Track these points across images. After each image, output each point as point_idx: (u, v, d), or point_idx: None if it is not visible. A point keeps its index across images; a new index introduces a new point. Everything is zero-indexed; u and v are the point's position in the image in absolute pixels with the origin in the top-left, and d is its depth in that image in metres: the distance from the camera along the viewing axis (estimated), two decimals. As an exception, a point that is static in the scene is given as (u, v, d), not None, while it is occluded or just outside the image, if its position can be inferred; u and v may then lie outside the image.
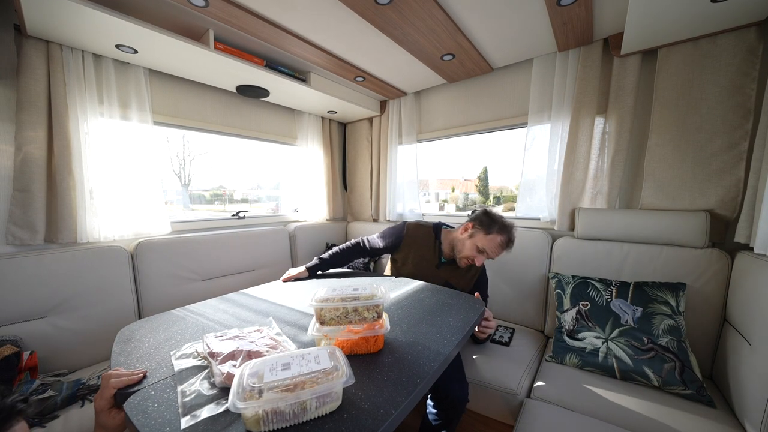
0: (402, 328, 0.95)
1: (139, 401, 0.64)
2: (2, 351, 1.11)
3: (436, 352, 0.81)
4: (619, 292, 1.37)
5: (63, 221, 1.41)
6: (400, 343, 0.86)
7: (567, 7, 1.32)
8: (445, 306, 1.12)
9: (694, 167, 1.40)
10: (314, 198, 2.64)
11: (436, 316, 1.03)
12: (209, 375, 0.71)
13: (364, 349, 0.80)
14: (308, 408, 0.57)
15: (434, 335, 0.90)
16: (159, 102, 1.78)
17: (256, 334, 0.83)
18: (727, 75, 1.32)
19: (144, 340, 0.89)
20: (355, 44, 1.66)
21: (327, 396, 0.58)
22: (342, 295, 0.81)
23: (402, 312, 1.08)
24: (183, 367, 0.74)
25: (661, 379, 1.16)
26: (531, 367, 1.40)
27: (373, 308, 0.80)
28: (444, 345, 0.84)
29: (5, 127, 1.32)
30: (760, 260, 1.10)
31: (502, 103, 2.03)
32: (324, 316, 0.80)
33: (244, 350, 0.73)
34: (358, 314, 0.79)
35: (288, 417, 0.56)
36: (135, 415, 0.60)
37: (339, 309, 0.79)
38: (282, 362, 0.61)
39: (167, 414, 0.60)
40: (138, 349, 0.85)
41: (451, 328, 0.95)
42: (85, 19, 1.21)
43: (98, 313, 1.45)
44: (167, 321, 1.02)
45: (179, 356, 0.79)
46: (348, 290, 0.84)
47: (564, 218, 1.73)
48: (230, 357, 0.71)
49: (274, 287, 1.38)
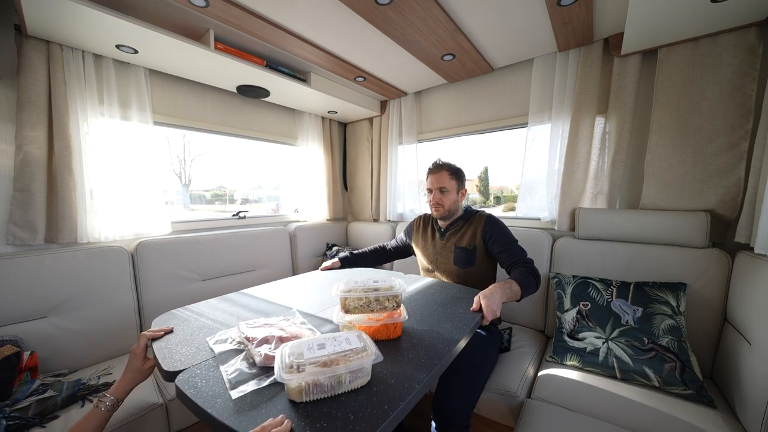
0: (417, 318, 1.02)
1: (188, 378, 0.71)
2: (2, 351, 1.11)
3: (449, 339, 0.88)
4: (620, 292, 1.37)
5: (63, 221, 1.41)
6: (416, 330, 0.93)
7: (567, 7, 1.32)
8: (456, 299, 1.17)
9: (695, 167, 1.40)
10: (314, 198, 2.64)
11: (447, 308, 1.09)
12: (247, 357, 0.78)
13: (385, 335, 0.88)
14: (343, 381, 0.64)
15: (447, 324, 0.97)
16: (159, 102, 1.78)
17: (284, 323, 0.91)
18: (727, 75, 1.32)
19: (178, 329, 0.96)
20: (355, 44, 1.66)
21: (359, 371, 0.66)
22: (364, 287, 0.89)
23: (415, 305, 1.14)
24: (222, 350, 0.82)
25: (662, 379, 1.16)
26: (531, 367, 1.39)
27: (393, 298, 0.88)
28: (457, 332, 0.91)
29: (5, 126, 1.32)
30: (761, 260, 1.10)
31: (502, 103, 2.03)
32: (349, 304, 0.88)
33: (275, 336, 0.81)
34: (379, 303, 0.87)
35: (326, 389, 0.63)
36: (187, 389, 0.66)
37: (362, 299, 0.87)
38: (317, 343, 0.68)
39: (216, 388, 0.67)
40: (175, 335, 0.92)
41: (462, 318, 1.01)
42: (86, 19, 1.21)
43: (98, 313, 1.45)
44: (195, 313, 1.09)
45: (215, 342, 0.87)
46: (369, 282, 0.91)
47: (564, 218, 1.73)
48: (264, 341, 0.79)
49: (274, 287, 1.38)
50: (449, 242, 1.50)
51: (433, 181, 1.47)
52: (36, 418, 1.02)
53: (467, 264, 1.43)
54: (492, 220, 1.45)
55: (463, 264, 1.44)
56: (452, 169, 1.47)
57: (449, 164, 1.48)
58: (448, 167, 1.47)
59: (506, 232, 1.41)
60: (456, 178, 1.46)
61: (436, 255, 1.54)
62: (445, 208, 1.46)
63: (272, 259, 2.20)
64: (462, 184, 1.50)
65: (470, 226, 1.47)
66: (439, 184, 1.45)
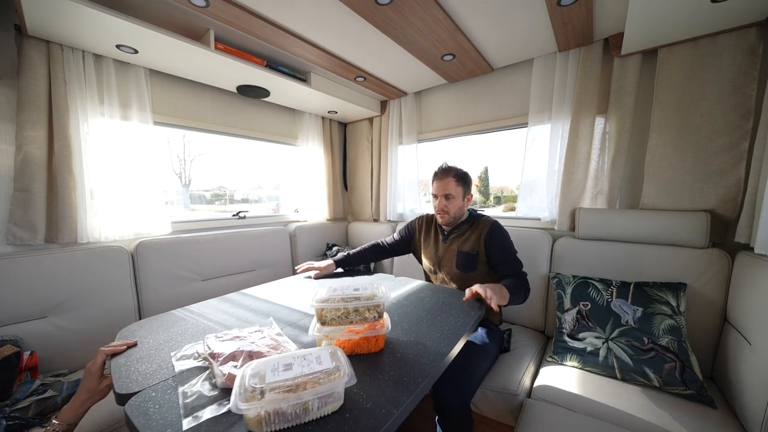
0: (403, 327, 0.96)
1: (140, 403, 0.63)
2: (2, 351, 1.11)
3: (436, 352, 0.81)
4: (620, 292, 1.36)
5: (63, 221, 1.41)
6: (400, 343, 0.86)
7: (567, 7, 1.32)
8: (446, 305, 1.13)
9: (695, 167, 1.40)
10: (315, 198, 2.64)
11: (437, 316, 1.04)
12: (210, 376, 0.71)
13: (366, 349, 0.80)
14: (310, 408, 0.57)
15: (435, 335, 0.90)
16: (159, 102, 1.78)
17: (256, 335, 0.83)
18: (727, 75, 1.32)
19: (144, 341, 0.89)
20: (355, 44, 1.66)
21: (329, 396, 0.58)
22: (343, 296, 0.81)
23: (402, 311, 1.08)
24: (184, 368, 0.74)
25: (662, 379, 1.16)
26: (531, 367, 1.40)
27: (374, 308, 0.80)
28: (445, 345, 0.84)
29: (6, 127, 1.32)
30: (761, 260, 1.10)
31: (502, 103, 2.03)
32: (325, 316, 0.80)
33: (245, 351, 0.73)
34: (359, 314, 0.79)
35: (290, 417, 0.56)
36: (136, 417, 0.59)
37: (340, 309, 0.79)
38: (284, 363, 0.61)
39: (168, 415, 0.60)
40: (138, 350, 0.84)
41: (452, 327, 0.95)
42: (86, 19, 1.21)
43: (98, 313, 1.45)
44: (167, 321, 1.02)
45: (180, 357, 0.79)
46: (349, 290, 0.84)
47: (564, 218, 1.73)
48: (231, 358, 0.71)
49: (274, 287, 1.38)
50: (452, 245, 1.49)
51: (438, 187, 1.43)
52: (36, 418, 1.02)
53: (469, 268, 1.43)
54: (496, 227, 1.42)
55: (465, 268, 1.43)
56: (459, 175, 1.42)
57: (456, 169, 1.43)
58: (454, 173, 1.42)
59: (508, 242, 1.41)
60: (462, 184, 1.43)
61: (440, 257, 1.52)
62: (450, 215, 1.44)
63: (272, 259, 2.20)
64: (468, 189, 1.47)
65: (474, 230, 1.45)
66: (445, 191, 1.41)
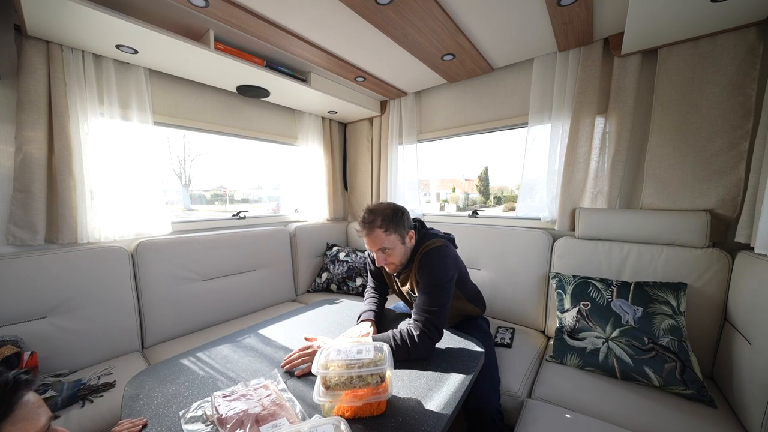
0: (404, 381, 0.95)
1: None
2: (3, 351, 1.11)
3: (438, 416, 0.81)
4: (620, 292, 1.37)
5: (63, 221, 1.41)
6: (402, 404, 0.86)
7: (567, 7, 1.31)
8: (446, 355, 1.09)
9: (695, 167, 1.40)
10: (315, 198, 2.64)
11: (437, 366, 1.02)
12: None
13: (368, 413, 0.82)
14: None
15: (435, 393, 0.89)
16: (159, 102, 1.78)
17: (262, 391, 0.87)
18: (727, 75, 1.32)
19: (152, 396, 0.89)
20: (355, 44, 1.66)
21: None
22: (347, 360, 0.83)
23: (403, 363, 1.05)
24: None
25: (662, 379, 1.16)
26: (531, 367, 1.39)
27: (377, 374, 0.82)
28: (447, 406, 0.84)
29: (5, 127, 1.32)
30: (761, 260, 1.10)
31: (502, 103, 2.03)
32: (329, 381, 0.81)
33: (252, 415, 0.76)
34: (362, 380, 0.81)
35: None
36: None
37: (344, 376, 0.80)
38: None
39: None
40: (147, 407, 0.85)
41: (452, 384, 0.93)
42: (86, 19, 1.21)
43: (99, 313, 1.45)
44: (174, 371, 1.02)
45: (188, 419, 0.80)
46: (352, 353, 0.86)
47: (564, 218, 1.73)
48: (239, 425, 0.73)
49: (280, 329, 1.33)
50: (403, 286, 1.38)
51: (369, 243, 1.20)
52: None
53: None
54: (426, 258, 1.20)
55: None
56: (385, 221, 1.16)
57: (380, 216, 1.17)
58: (380, 222, 1.16)
59: (434, 272, 1.17)
60: (394, 230, 1.17)
61: (400, 294, 1.45)
62: (396, 265, 1.25)
63: (272, 259, 2.20)
64: (405, 229, 1.21)
65: (414, 265, 1.25)
66: (377, 246, 1.19)
